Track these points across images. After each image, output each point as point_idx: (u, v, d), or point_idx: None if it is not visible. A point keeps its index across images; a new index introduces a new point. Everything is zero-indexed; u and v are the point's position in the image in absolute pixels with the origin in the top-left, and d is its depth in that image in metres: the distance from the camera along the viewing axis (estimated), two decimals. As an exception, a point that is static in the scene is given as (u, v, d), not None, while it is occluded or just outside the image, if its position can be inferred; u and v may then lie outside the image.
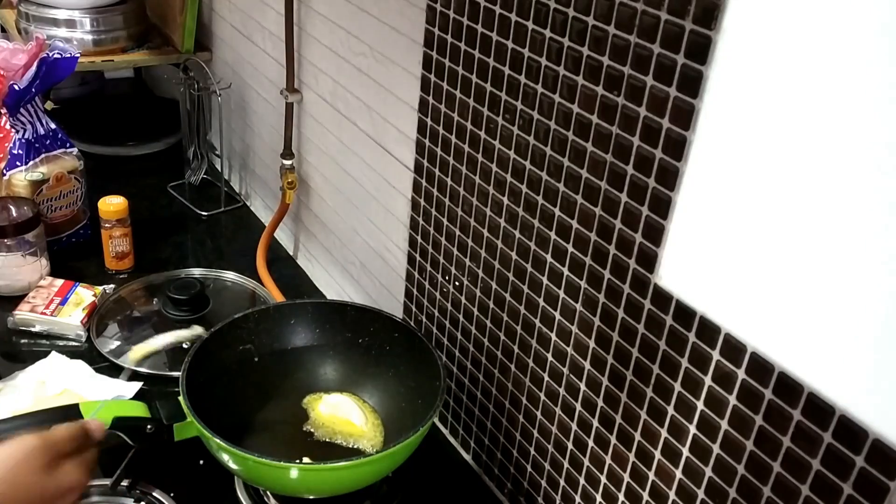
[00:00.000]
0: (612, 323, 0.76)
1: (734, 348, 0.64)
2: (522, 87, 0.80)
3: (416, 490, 0.99)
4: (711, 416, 0.68)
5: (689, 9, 0.61)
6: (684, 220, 0.67)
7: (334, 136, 1.22)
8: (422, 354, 0.97)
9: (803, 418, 0.60)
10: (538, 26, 0.76)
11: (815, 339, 0.58)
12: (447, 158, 0.95)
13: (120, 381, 1.08)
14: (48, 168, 1.29)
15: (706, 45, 0.61)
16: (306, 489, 0.90)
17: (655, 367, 0.72)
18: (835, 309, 0.56)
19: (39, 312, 1.17)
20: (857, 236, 0.54)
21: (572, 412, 0.84)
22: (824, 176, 0.55)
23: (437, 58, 0.92)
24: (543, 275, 0.84)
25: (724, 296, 0.64)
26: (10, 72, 1.22)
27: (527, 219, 0.84)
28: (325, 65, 1.19)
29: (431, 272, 1.04)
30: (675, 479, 0.73)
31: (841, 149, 0.54)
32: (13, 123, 1.26)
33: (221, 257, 1.42)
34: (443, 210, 0.98)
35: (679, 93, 0.64)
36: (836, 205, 0.55)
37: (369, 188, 1.15)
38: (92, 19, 1.50)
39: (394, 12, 0.99)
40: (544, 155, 0.80)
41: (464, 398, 1.03)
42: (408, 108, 1.01)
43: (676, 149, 0.65)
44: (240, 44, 1.47)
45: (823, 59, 0.54)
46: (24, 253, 1.23)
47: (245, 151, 1.56)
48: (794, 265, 0.58)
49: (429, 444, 0.92)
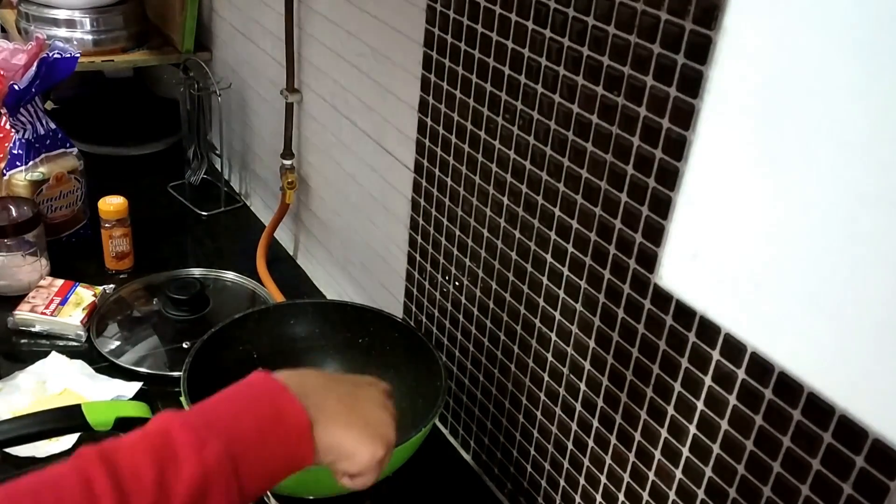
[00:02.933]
0: (612, 323, 0.76)
1: (734, 348, 0.64)
2: (522, 87, 0.80)
3: (416, 490, 0.99)
4: (711, 416, 0.68)
5: (689, 9, 0.62)
6: (684, 220, 0.67)
7: (334, 136, 1.22)
8: (422, 354, 0.97)
9: (803, 418, 0.60)
10: (538, 26, 0.76)
11: (815, 339, 0.58)
12: (447, 158, 0.95)
13: (120, 381, 1.08)
14: (48, 168, 1.29)
15: (706, 45, 0.61)
16: (307, 489, 0.90)
17: (655, 367, 0.72)
18: (835, 309, 0.56)
19: (39, 312, 1.17)
20: (856, 236, 0.54)
21: (572, 412, 0.84)
22: (824, 176, 0.55)
23: (437, 58, 0.92)
24: (543, 275, 0.84)
25: (724, 296, 0.64)
26: (10, 72, 1.22)
27: (527, 219, 0.84)
28: (325, 65, 1.19)
29: (431, 272, 1.04)
30: (675, 479, 0.73)
31: (841, 148, 0.54)
32: (13, 123, 1.26)
33: (221, 257, 1.42)
34: (443, 210, 0.98)
35: (679, 93, 0.64)
36: (837, 204, 0.55)
37: (369, 188, 1.15)
38: (92, 19, 1.50)
39: (394, 12, 0.99)
40: (544, 155, 0.80)
41: (464, 398, 1.03)
42: (408, 108, 1.01)
43: (676, 149, 0.65)
44: (240, 44, 1.47)
45: (824, 58, 0.54)
46: (24, 253, 1.23)
47: (245, 151, 1.56)
48: (794, 265, 0.58)
49: (429, 444, 0.92)
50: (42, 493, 0.50)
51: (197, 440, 0.55)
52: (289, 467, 0.62)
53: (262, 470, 0.59)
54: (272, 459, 0.60)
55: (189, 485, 0.53)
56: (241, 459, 0.57)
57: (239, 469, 0.57)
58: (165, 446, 0.54)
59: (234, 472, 0.56)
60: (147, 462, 0.53)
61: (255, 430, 0.59)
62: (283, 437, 0.60)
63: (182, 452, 0.54)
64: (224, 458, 0.56)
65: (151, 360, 1.14)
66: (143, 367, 1.12)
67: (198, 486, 0.54)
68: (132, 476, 0.52)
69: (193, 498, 0.53)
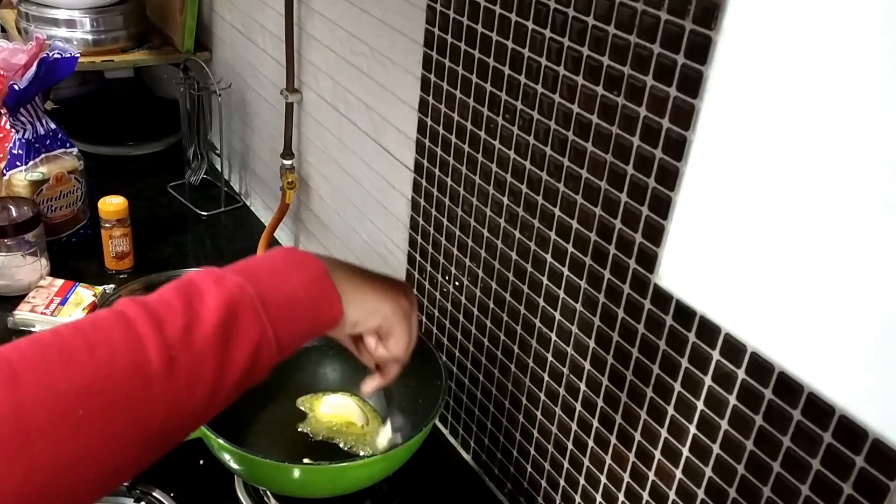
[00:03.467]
0: (612, 323, 0.76)
1: (734, 348, 0.64)
2: (522, 87, 0.80)
3: (416, 490, 0.99)
4: (711, 416, 0.68)
5: (689, 9, 0.61)
6: (684, 220, 0.67)
7: (334, 136, 1.22)
8: (422, 354, 0.97)
9: (803, 418, 0.60)
10: (538, 26, 0.76)
11: (815, 339, 0.58)
12: (447, 158, 0.95)
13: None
14: (48, 168, 1.29)
15: (706, 45, 0.61)
16: (308, 489, 0.90)
17: (655, 367, 0.72)
18: (835, 309, 0.56)
19: (39, 312, 1.17)
20: (857, 236, 0.54)
21: (572, 412, 0.84)
22: (824, 175, 0.55)
23: (437, 58, 0.92)
24: (543, 275, 0.84)
25: (724, 296, 0.64)
26: (10, 72, 1.22)
27: (527, 219, 0.84)
28: (325, 65, 1.19)
29: (431, 272, 1.04)
30: (675, 479, 0.73)
31: (841, 148, 0.54)
32: (13, 123, 1.26)
33: (221, 257, 1.42)
34: (443, 210, 0.98)
35: (679, 93, 0.64)
36: (837, 204, 0.55)
37: (369, 188, 1.15)
38: (92, 19, 1.50)
39: (394, 12, 0.99)
40: (544, 155, 0.80)
41: (464, 398, 1.03)
42: (408, 108, 1.01)
43: (676, 149, 0.65)
44: (240, 44, 1.47)
45: (824, 58, 0.54)
46: (24, 253, 1.23)
47: (245, 151, 1.56)
48: (794, 265, 0.58)
49: (429, 444, 0.92)
50: (81, 324, 0.53)
51: (216, 277, 0.58)
52: (317, 312, 0.63)
53: (287, 310, 0.60)
54: (296, 299, 0.61)
55: (216, 307, 0.56)
56: (265, 292, 0.59)
57: (264, 296, 0.59)
58: (188, 285, 0.57)
59: (259, 300, 0.58)
60: (174, 296, 0.56)
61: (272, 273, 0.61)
62: (303, 280, 0.62)
63: (204, 286, 0.57)
64: (246, 287, 0.58)
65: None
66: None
67: (225, 308, 0.56)
68: (162, 305, 0.55)
69: (223, 319, 0.56)
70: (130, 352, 0.52)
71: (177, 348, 0.53)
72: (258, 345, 0.58)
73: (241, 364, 0.57)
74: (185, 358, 0.53)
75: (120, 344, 0.52)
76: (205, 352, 0.54)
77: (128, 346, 0.52)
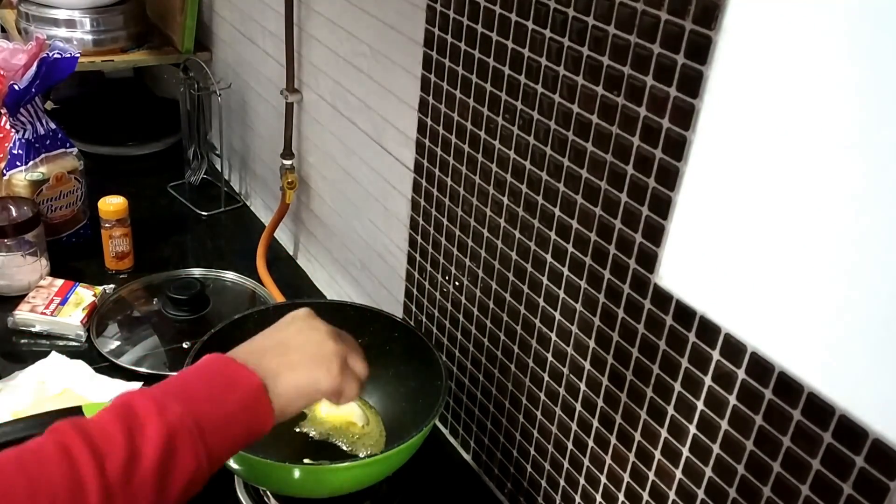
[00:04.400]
0: (612, 323, 0.76)
1: (734, 348, 0.64)
2: (522, 87, 0.80)
3: (416, 490, 0.99)
4: (711, 416, 0.68)
5: (689, 9, 0.61)
6: (684, 220, 0.67)
7: (334, 136, 1.22)
8: (422, 354, 0.97)
9: (803, 418, 0.60)
10: (538, 26, 0.76)
11: (815, 339, 0.58)
12: (447, 158, 0.95)
13: (120, 382, 1.08)
14: (48, 168, 1.29)
15: (706, 45, 0.61)
16: (308, 489, 0.90)
17: (655, 367, 0.72)
18: (835, 309, 0.56)
19: (39, 312, 1.17)
20: (857, 236, 0.54)
21: (572, 412, 0.84)
22: (824, 175, 0.55)
23: (437, 58, 0.92)
24: (543, 275, 0.84)
25: (724, 296, 0.64)
26: (10, 72, 1.22)
27: (527, 219, 0.84)
28: (325, 65, 1.19)
29: (431, 272, 1.04)
30: (675, 479, 0.73)
31: (841, 148, 0.54)
32: (13, 123, 1.26)
33: (221, 257, 1.42)
34: (443, 210, 0.98)
35: (679, 93, 0.64)
36: (837, 204, 0.55)
37: (369, 188, 1.15)
38: (92, 19, 1.50)
39: (394, 12, 0.99)
40: (544, 155, 0.80)
41: (464, 398, 1.03)
42: (408, 108, 1.01)
43: (676, 149, 0.65)
44: (240, 44, 1.47)
45: (824, 58, 0.54)
46: (24, 253, 1.23)
47: (245, 151, 1.56)
48: (794, 265, 0.58)
49: (429, 444, 0.92)
50: (24, 459, 0.55)
51: (157, 404, 0.60)
52: (249, 430, 0.64)
53: (224, 431, 0.62)
54: (233, 419, 0.63)
55: (156, 443, 0.57)
56: (203, 418, 0.61)
57: (202, 424, 0.60)
58: (129, 413, 0.59)
59: (197, 429, 0.60)
60: (116, 426, 0.57)
61: (209, 396, 0.63)
62: (240, 398, 0.64)
63: (145, 415, 0.59)
64: (185, 417, 0.60)
65: (151, 361, 1.14)
66: (143, 368, 1.12)
67: (164, 443, 0.58)
68: (104, 438, 0.57)
69: (162, 455, 0.57)
70: (71, 494, 0.54)
71: (115, 488, 0.55)
72: (194, 474, 0.60)
73: (175, 495, 0.59)
74: (123, 498, 0.56)
75: (61, 487, 0.54)
76: (143, 488, 0.57)
77: (69, 492, 0.54)
